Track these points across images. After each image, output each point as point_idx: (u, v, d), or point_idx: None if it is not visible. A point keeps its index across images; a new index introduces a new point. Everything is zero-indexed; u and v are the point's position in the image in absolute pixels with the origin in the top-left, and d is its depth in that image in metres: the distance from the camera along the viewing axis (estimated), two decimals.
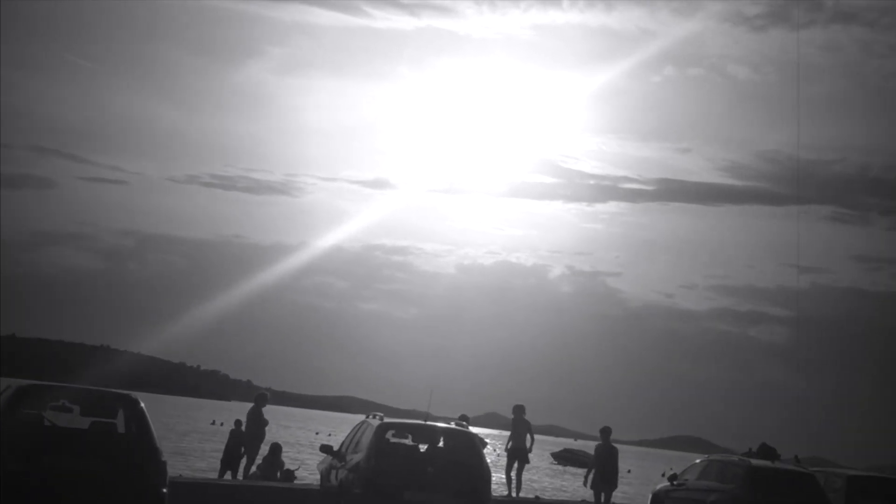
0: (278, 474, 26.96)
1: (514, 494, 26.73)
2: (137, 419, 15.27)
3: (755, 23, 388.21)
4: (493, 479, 19.32)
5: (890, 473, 32.20)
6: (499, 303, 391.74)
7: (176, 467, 32.79)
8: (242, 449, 26.69)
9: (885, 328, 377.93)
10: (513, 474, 26.95)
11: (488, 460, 19.30)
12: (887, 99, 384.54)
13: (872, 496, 25.15)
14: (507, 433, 27.51)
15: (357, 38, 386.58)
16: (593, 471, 26.84)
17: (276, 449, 27.14)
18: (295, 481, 26.60)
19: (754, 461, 24.09)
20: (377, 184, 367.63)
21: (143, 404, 15.43)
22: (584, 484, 27.39)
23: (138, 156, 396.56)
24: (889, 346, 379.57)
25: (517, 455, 26.85)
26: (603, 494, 26.63)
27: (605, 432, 26.94)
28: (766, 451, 31.25)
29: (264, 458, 26.84)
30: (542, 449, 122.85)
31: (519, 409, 26.89)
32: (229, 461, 27.07)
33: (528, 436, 26.77)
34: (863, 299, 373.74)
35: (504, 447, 27.73)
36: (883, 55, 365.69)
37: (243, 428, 26.67)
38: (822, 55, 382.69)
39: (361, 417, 20.71)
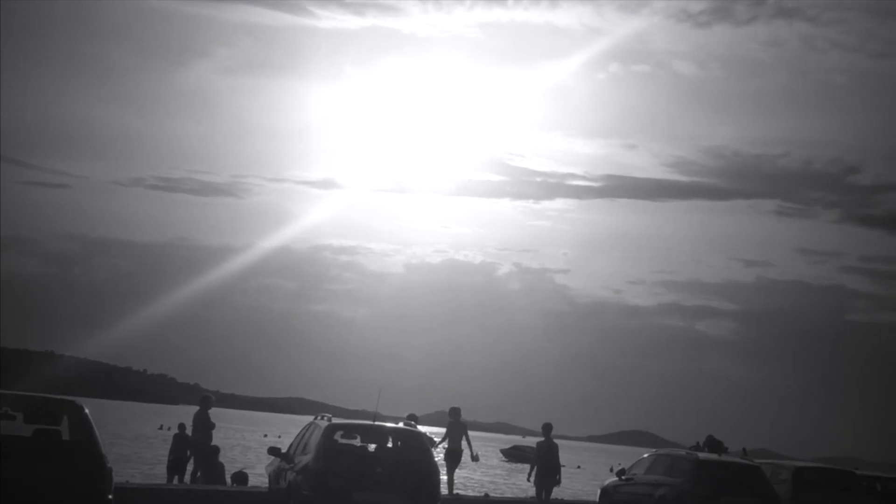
0: (230, 478, 26.82)
1: (450, 493, 26.83)
2: (82, 425, 15.07)
3: (700, 19, 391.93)
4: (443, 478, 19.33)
5: (835, 464, 32.61)
6: (447, 301, 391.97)
7: (122, 474, 32.46)
8: (188, 453, 26.48)
9: (829, 321, 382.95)
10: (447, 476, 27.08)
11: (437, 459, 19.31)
12: (830, 93, 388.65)
13: (818, 487, 25.43)
14: None
15: (302, 37, 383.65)
16: (536, 467, 27.03)
17: (213, 451, 26.89)
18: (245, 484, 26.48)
19: (701, 455, 24.27)
20: (324, 184, 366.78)
21: (87, 410, 15.24)
22: (528, 479, 27.57)
23: (82, 159, 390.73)
24: (834, 340, 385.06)
25: (453, 457, 27.05)
26: (544, 490, 26.84)
27: (547, 428, 27.19)
28: (714, 444, 31.55)
29: (205, 462, 26.62)
30: (491, 446, 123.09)
31: (455, 412, 27.17)
32: (176, 466, 26.86)
33: (465, 438, 26.97)
34: (807, 292, 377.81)
35: (436, 448, 27.93)
36: (825, 50, 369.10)
37: (188, 432, 26.47)
38: (765, 50, 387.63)
39: (310, 419, 20.61)
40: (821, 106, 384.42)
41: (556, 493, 28.45)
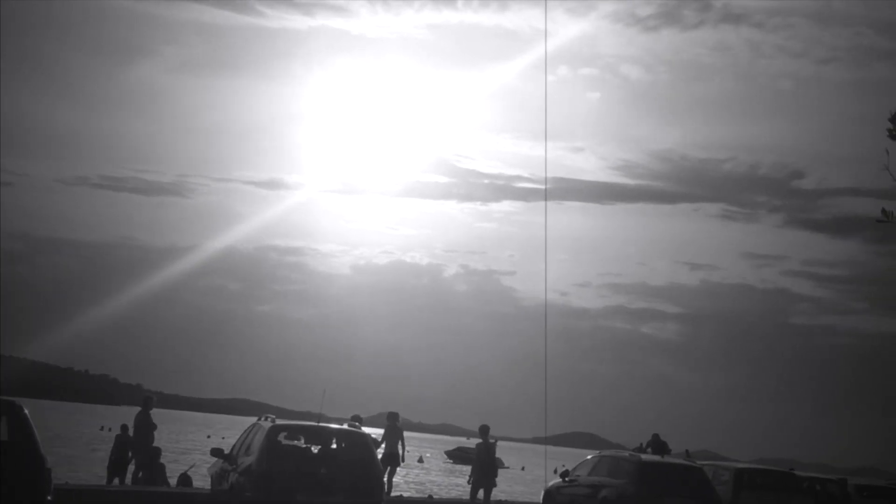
0: (177, 479, 26.63)
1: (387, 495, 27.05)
2: (21, 426, 14.88)
3: (648, 23, 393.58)
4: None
5: (776, 465, 33.00)
6: (393, 302, 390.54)
7: (62, 475, 32.07)
8: (129, 454, 26.24)
9: (772, 324, 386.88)
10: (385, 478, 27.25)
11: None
12: (776, 99, 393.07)
13: (758, 487, 25.80)
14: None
15: (250, 37, 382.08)
16: (475, 468, 27.28)
17: (154, 453, 26.66)
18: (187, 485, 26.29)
19: (644, 457, 24.47)
20: (271, 184, 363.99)
21: (26, 411, 15.05)
22: (468, 482, 27.77)
23: (24, 157, 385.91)
24: (777, 343, 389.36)
25: (390, 460, 27.18)
26: (482, 490, 27.02)
27: (484, 430, 27.45)
28: (658, 444, 31.87)
29: (147, 464, 26.37)
30: (436, 447, 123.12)
31: (392, 417, 27.49)
32: (116, 467, 26.59)
33: (401, 442, 27.20)
34: (751, 295, 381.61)
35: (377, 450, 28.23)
36: (771, 56, 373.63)
37: (130, 433, 26.24)
38: (712, 55, 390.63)
39: (254, 420, 20.50)
40: (766, 111, 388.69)
41: (500, 494, 28.56)
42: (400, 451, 27.28)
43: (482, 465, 26.91)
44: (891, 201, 9.22)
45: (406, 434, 27.78)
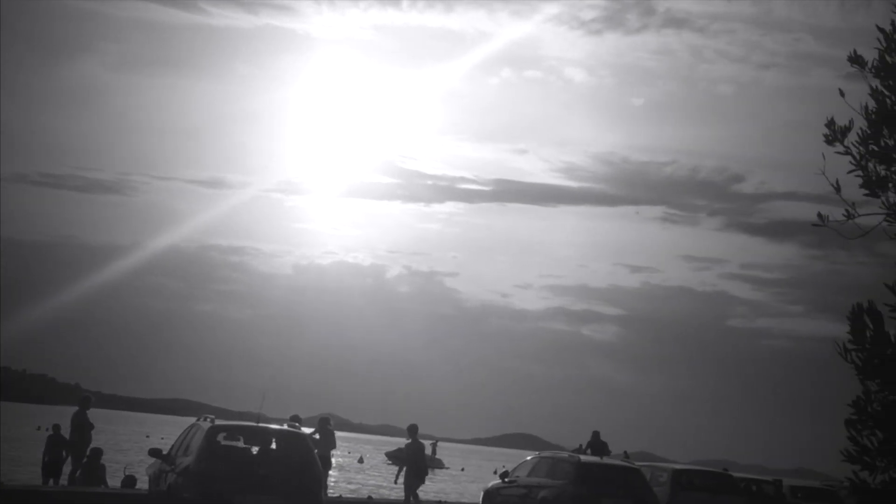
0: (120, 482, 26.46)
1: None
2: None
3: (591, 27, 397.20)
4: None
5: (713, 466, 33.38)
6: (336, 303, 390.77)
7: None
8: (64, 454, 25.97)
9: (711, 327, 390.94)
10: None
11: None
12: (716, 103, 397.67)
13: (695, 488, 26.13)
14: (340, 433, 27.87)
15: (195, 35, 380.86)
16: (404, 468, 27.42)
17: (95, 454, 26.41)
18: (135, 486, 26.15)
19: (583, 457, 24.66)
20: (214, 183, 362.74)
21: None
22: (395, 481, 28.03)
23: None
24: (715, 345, 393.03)
25: (321, 463, 27.52)
26: (406, 489, 27.24)
27: (412, 430, 27.62)
28: (598, 443, 32.13)
29: (84, 464, 26.12)
30: (377, 449, 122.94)
31: (324, 421, 27.64)
32: (51, 468, 26.29)
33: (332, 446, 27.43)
34: (690, 298, 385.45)
35: None
36: (712, 60, 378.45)
37: (63, 432, 25.99)
38: (654, 59, 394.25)
39: (194, 420, 20.36)
40: (707, 115, 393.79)
41: (440, 495, 28.70)
42: (330, 455, 27.56)
43: (412, 464, 27.13)
44: (826, 206, 9.36)
45: (347, 435, 27.94)
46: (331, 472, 28.18)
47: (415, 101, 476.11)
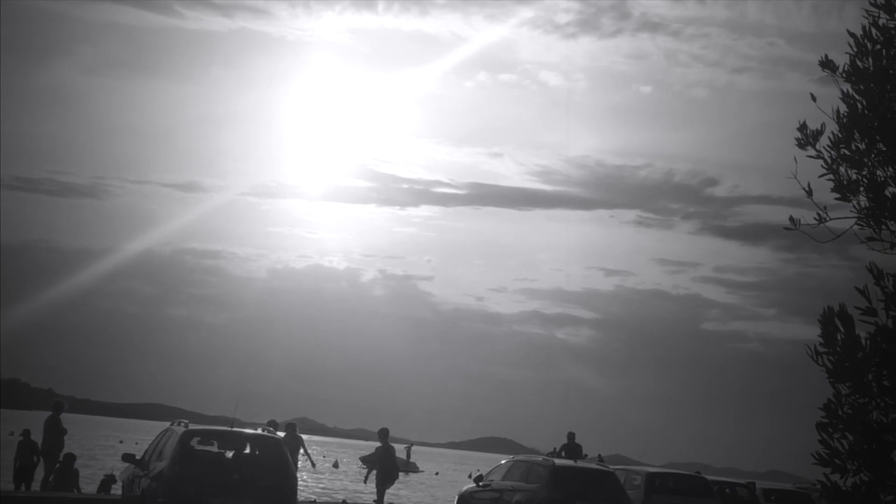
0: (98, 484, 26.37)
1: None
2: None
3: (566, 31, 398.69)
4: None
5: (687, 469, 33.51)
6: (311, 307, 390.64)
7: None
8: (36, 459, 25.84)
9: (685, 330, 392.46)
10: None
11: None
12: (691, 107, 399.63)
13: (668, 491, 26.25)
14: (315, 437, 27.97)
15: (169, 38, 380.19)
16: (374, 471, 27.81)
17: (68, 459, 26.29)
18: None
19: (557, 461, 24.68)
20: (189, 187, 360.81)
21: None
22: (364, 482, 28.30)
23: None
24: (689, 348, 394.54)
25: None
26: (377, 491, 27.67)
27: (383, 433, 27.98)
28: (573, 446, 32.20)
29: (57, 469, 25.98)
30: (351, 452, 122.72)
31: (291, 427, 27.94)
32: (23, 473, 26.15)
33: (301, 451, 27.61)
34: (665, 301, 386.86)
35: None
36: (686, 64, 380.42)
37: (34, 437, 25.87)
38: (629, 63, 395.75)
39: (168, 425, 20.28)
40: (682, 119, 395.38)
41: (413, 497, 28.84)
42: (298, 460, 27.66)
43: (383, 467, 27.39)
44: (799, 209, 9.42)
45: (321, 439, 28.09)
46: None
47: (390, 105, 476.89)
